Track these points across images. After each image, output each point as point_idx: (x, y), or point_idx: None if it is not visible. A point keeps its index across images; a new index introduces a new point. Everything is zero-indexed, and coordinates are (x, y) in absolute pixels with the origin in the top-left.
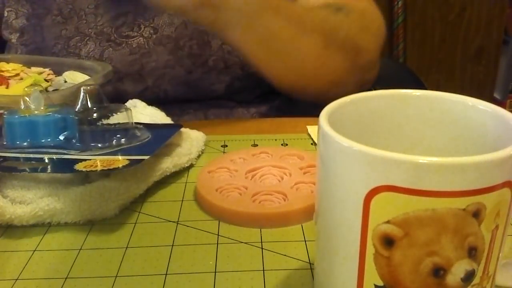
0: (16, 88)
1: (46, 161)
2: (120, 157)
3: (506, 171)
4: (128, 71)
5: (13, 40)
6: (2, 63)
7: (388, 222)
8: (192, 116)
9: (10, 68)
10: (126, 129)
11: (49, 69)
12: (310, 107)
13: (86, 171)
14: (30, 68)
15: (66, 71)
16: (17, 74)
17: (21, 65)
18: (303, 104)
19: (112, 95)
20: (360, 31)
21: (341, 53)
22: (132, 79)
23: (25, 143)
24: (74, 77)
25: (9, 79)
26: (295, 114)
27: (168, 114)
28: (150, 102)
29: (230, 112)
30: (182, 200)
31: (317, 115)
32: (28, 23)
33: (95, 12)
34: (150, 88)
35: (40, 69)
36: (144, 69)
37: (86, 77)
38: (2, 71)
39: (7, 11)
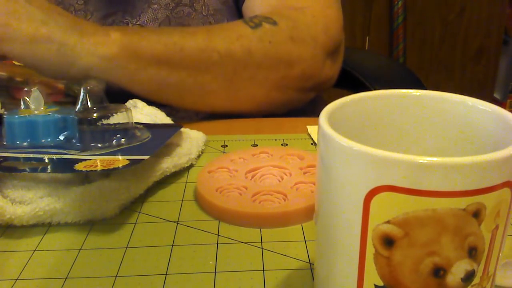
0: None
1: (46, 161)
2: (120, 157)
3: (506, 171)
4: None
5: None
6: (14, 61)
7: (388, 222)
8: (183, 113)
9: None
10: (126, 129)
11: None
12: (307, 104)
13: (86, 171)
14: None
15: None
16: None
17: None
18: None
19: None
20: (290, 43)
21: (264, 71)
22: None
23: (25, 143)
24: None
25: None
26: (292, 112)
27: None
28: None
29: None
30: (182, 200)
31: (315, 113)
32: None
33: (84, 9)
34: None
35: None
36: None
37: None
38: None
39: None
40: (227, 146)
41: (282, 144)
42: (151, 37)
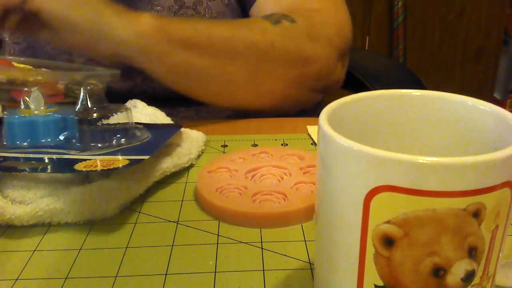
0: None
1: (46, 161)
2: (120, 157)
3: (506, 171)
4: (116, 69)
5: (6, 38)
6: (14, 62)
7: (388, 222)
8: (183, 114)
9: (21, 66)
10: (126, 129)
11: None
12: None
13: (86, 171)
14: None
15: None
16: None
17: (30, 66)
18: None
19: None
20: (307, 41)
21: (284, 66)
22: (121, 77)
23: (25, 143)
24: None
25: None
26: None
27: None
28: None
29: (222, 109)
30: (182, 200)
31: (315, 113)
32: None
33: None
34: (138, 86)
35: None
36: (133, 66)
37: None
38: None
39: None
40: (227, 146)
41: (282, 144)
42: (181, 21)
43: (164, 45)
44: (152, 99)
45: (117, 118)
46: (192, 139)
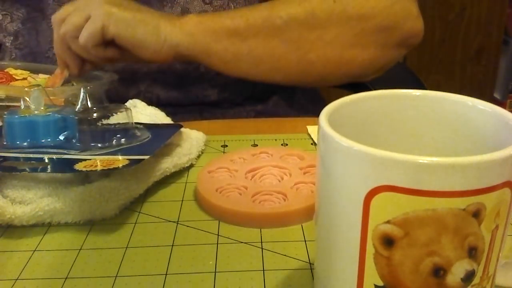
0: (17, 84)
1: (46, 161)
2: (120, 157)
3: (506, 171)
4: (120, 76)
5: (7, 44)
6: (10, 67)
7: (388, 222)
8: (186, 120)
9: (18, 73)
10: (126, 129)
11: None
12: (307, 103)
13: (86, 171)
14: (38, 74)
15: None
16: (24, 78)
17: (29, 71)
18: (299, 101)
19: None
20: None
21: (332, 30)
22: (125, 84)
23: (25, 143)
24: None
25: (16, 80)
26: (291, 110)
27: None
28: None
29: (225, 112)
30: (182, 200)
31: (316, 113)
32: (23, 26)
33: None
34: (142, 93)
35: (48, 76)
36: (137, 74)
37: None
38: (10, 74)
39: (2, 14)
40: (227, 146)
41: (282, 144)
42: (220, 14)
43: (208, 38)
44: (156, 106)
45: (117, 118)
46: (192, 139)
